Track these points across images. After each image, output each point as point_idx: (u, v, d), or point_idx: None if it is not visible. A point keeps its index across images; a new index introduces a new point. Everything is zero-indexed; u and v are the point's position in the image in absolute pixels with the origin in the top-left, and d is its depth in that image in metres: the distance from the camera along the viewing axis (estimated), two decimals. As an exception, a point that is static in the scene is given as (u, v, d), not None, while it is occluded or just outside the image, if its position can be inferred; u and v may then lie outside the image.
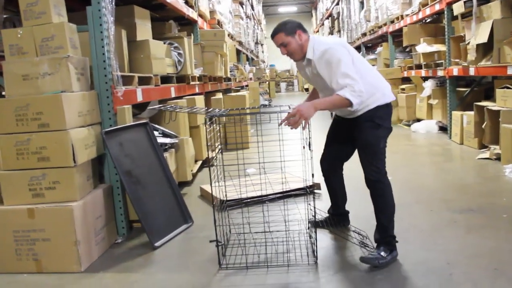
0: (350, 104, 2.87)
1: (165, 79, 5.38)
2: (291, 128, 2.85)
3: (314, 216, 3.20)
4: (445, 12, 7.32)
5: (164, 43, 5.50)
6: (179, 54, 5.76)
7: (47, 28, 3.29)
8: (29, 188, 3.20)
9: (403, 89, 9.68)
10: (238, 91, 11.67)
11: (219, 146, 3.67)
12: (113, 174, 3.64)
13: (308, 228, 3.49)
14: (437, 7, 7.53)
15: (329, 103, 2.93)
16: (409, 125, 9.18)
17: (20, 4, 3.33)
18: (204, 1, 7.88)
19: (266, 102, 18.00)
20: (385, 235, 3.05)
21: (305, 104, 2.87)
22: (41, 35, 3.30)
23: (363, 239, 3.31)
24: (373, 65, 12.11)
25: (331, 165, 3.51)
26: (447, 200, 4.25)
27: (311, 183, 4.61)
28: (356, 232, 3.47)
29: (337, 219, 3.66)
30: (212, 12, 8.50)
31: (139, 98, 4.19)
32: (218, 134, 3.91)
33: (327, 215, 3.72)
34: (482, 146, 6.36)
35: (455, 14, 6.90)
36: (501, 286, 2.61)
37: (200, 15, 7.58)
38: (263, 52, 24.17)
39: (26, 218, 3.16)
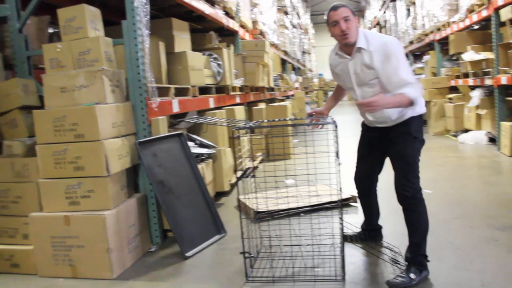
0: (411, 103, 2.79)
1: (204, 90, 5.45)
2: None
3: (342, 230, 3.14)
4: (493, 18, 7.07)
5: (203, 54, 5.58)
6: (218, 65, 5.83)
7: (84, 42, 3.42)
8: (66, 196, 3.32)
9: (450, 98, 9.39)
10: (283, 100, 11.68)
11: (260, 156, 3.68)
12: (147, 183, 3.71)
13: (339, 242, 3.44)
14: (484, 13, 7.29)
15: (397, 102, 2.80)
16: (456, 136, 8.90)
17: (60, 20, 3.48)
18: (246, 12, 7.95)
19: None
20: (416, 254, 2.94)
21: (380, 97, 2.77)
22: (78, 49, 3.43)
23: (395, 256, 3.22)
24: (420, 74, 11.89)
25: (366, 181, 3.43)
26: (489, 216, 4.08)
27: (346, 196, 4.58)
28: (388, 249, 3.39)
29: (370, 235, 3.58)
30: (254, 22, 8.56)
31: (175, 109, 4.26)
32: (251, 144, 3.86)
33: (360, 230, 3.65)
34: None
35: (502, 20, 6.66)
36: (539, 310, 2.48)
37: (242, 26, 7.65)
38: (310, 61, 24.11)
39: (62, 225, 3.27)
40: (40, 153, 3.35)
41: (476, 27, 8.82)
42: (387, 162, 3.22)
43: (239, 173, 6.06)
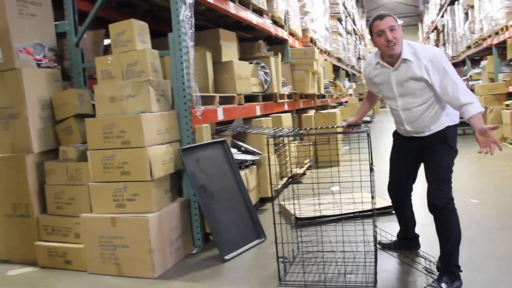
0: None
1: (251, 98, 5.60)
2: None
3: (375, 238, 3.18)
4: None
5: (251, 63, 5.74)
6: (265, 73, 5.97)
7: (131, 55, 3.65)
8: (113, 198, 3.55)
9: (507, 105, 9.07)
10: (335, 107, 11.68)
11: (308, 163, 3.78)
12: (190, 188, 3.88)
13: (373, 250, 3.47)
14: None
15: (480, 122, 2.73)
16: (514, 144, 8.59)
17: (111, 34, 3.73)
18: (296, 20, 8.06)
19: (368, 118, 17.72)
20: (448, 264, 2.92)
21: (490, 132, 2.66)
22: (126, 61, 3.66)
23: (429, 265, 3.22)
24: (477, 80, 11.54)
25: (400, 191, 3.43)
26: (536, 228, 3.97)
27: (386, 205, 4.59)
28: (423, 258, 3.38)
29: (406, 244, 3.58)
30: (304, 30, 8.65)
31: (220, 117, 4.43)
32: (297, 152, 3.96)
33: (396, 238, 3.66)
34: None
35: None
36: None
37: (291, 34, 7.77)
38: (366, 67, 23.81)
39: (109, 226, 3.50)
40: (91, 158, 3.60)
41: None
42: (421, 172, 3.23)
43: (288, 179, 6.17)
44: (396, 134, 3.34)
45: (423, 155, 3.11)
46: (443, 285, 2.84)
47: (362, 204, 3.98)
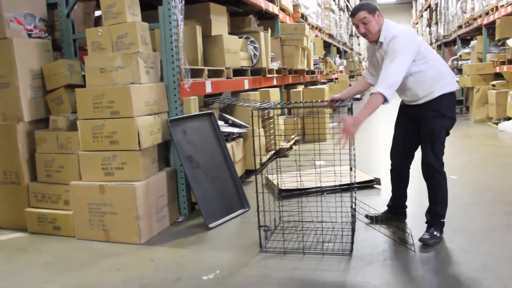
0: (385, 99, 3.04)
1: (240, 72, 5.68)
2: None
3: (353, 209, 3.35)
4: (540, 5, 6.91)
5: (241, 38, 5.80)
6: (255, 47, 6.04)
7: (122, 27, 3.71)
8: (102, 167, 3.66)
9: (493, 85, 9.22)
10: (325, 83, 11.76)
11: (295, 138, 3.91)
12: (177, 159, 4.00)
13: (352, 221, 3.63)
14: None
15: (370, 109, 3.06)
16: (498, 124, 8.75)
17: (101, 6, 3.79)
18: (287, -5, 8.08)
19: (358, 96, 17.82)
20: (437, 218, 3.35)
21: (348, 121, 2.98)
22: (116, 33, 3.72)
23: (404, 236, 3.38)
24: (467, 60, 11.64)
25: (400, 157, 3.62)
26: (509, 203, 4.13)
27: (369, 178, 4.74)
28: (400, 229, 3.54)
29: (396, 213, 3.77)
30: (296, 6, 8.68)
31: (208, 90, 4.52)
32: (276, 125, 4.07)
33: (378, 211, 3.84)
34: None
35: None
36: (533, 292, 2.59)
37: (282, 9, 7.80)
38: (359, 44, 23.82)
39: (98, 193, 3.62)
40: (81, 128, 3.70)
41: (525, 12, 8.60)
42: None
43: (275, 153, 6.30)
44: (401, 102, 3.57)
45: (419, 122, 3.35)
46: (435, 232, 3.29)
47: (340, 177, 4.11)
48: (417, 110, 3.32)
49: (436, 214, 3.34)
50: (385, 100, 3.04)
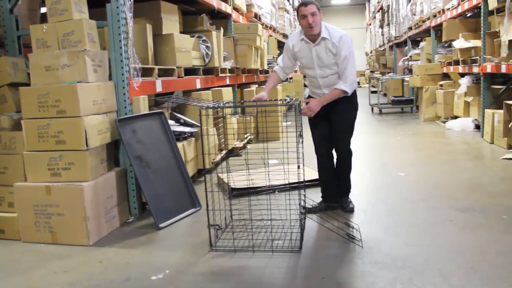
0: (345, 93, 3.70)
1: (192, 71, 5.65)
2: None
3: (302, 207, 3.41)
4: (482, 7, 7.18)
5: (192, 37, 5.77)
6: (207, 47, 6.02)
7: (68, 24, 3.63)
8: (48, 167, 3.57)
9: (441, 85, 9.53)
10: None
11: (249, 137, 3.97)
12: (127, 158, 3.94)
13: (301, 218, 3.68)
14: (475, 1, 7.40)
15: (332, 97, 3.71)
16: (445, 123, 9.06)
17: (46, 3, 3.69)
18: (240, -5, 8.10)
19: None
20: (347, 190, 4.09)
21: (314, 102, 3.70)
22: (62, 30, 3.64)
23: (351, 232, 3.46)
24: (417, 60, 11.99)
25: (324, 147, 3.97)
26: (454, 198, 4.29)
27: (314, 177, 4.83)
28: (347, 225, 3.62)
29: (331, 203, 4.04)
30: (249, 5, 8.70)
31: (158, 89, 4.48)
32: (225, 125, 4.08)
33: (321, 204, 4.06)
34: (511, 146, 6.26)
35: (490, 8, 6.75)
36: (471, 283, 2.69)
37: (236, 9, 7.81)
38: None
39: (44, 194, 3.53)
40: (25, 127, 3.59)
41: (469, 14, 8.92)
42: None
43: (228, 152, 6.30)
44: (311, 98, 3.94)
45: (331, 113, 3.84)
46: (349, 199, 4.06)
47: (289, 175, 4.17)
48: (334, 103, 3.76)
49: (347, 187, 4.07)
50: (345, 93, 3.70)
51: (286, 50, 3.90)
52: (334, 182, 4.07)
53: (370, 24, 25.88)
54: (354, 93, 3.86)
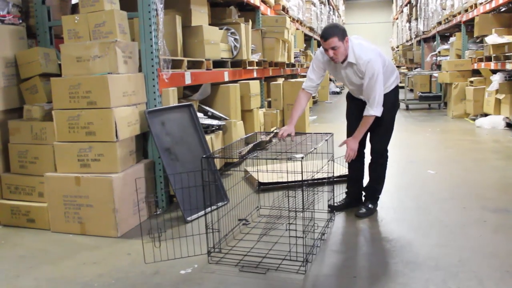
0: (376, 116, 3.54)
1: (220, 64, 5.62)
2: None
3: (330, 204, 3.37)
4: (518, 2, 6.99)
5: (221, 29, 5.73)
6: (235, 39, 5.98)
7: (99, 15, 3.62)
8: (78, 158, 3.58)
9: (471, 81, 9.33)
10: (305, 76, 11.76)
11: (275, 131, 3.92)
12: (155, 150, 3.94)
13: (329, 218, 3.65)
14: (510, -4, 7.21)
15: (364, 127, 3.57)
16: (475, 120, 8.87)
17: (78, -7, 3.68)
18: (269, -13, 8.03)
19: (338, 89, 17.89)
20: (374, 194, 3.92)
21: (352, 143, 3.60)
22: (94, 21, 3.64)
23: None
24: (446, 56, 11.77)
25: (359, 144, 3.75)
26: (485, 198, 4.19)
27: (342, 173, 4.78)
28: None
29: (354, 201, 3.97)
30: (277, -2, 8.63)
31: (187, 81, 4.46)
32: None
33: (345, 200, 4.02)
34: (544, 145, 6.09)
35: (526, 4, 6.57)
36: (507, 287, 2.62)
37: (264, 1, 7.75)
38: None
39: (73, 185, 3.54)
40: (56, 118, 3.61)
41: (503, 9, 8.70)
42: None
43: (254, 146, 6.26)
44: (349, 95, 3.92)
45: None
46: (370, 205, 3.85)
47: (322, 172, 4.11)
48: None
49: (375, 191, 3.89)
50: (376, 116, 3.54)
51: (315, 61, 3.71)
52: (360, 181, 3.97)
53: (397, 18, 25.49)
54: (393, 90, 3.71)
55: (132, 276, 2.87)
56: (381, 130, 3.69)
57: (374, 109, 3.49)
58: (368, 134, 3.75)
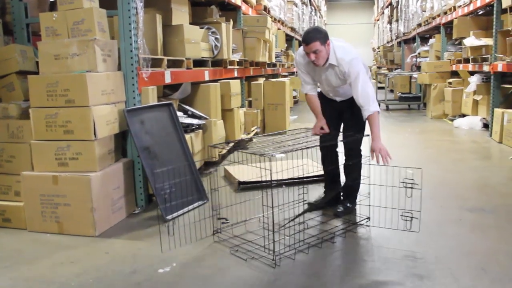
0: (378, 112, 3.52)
1: (200, 63, 5.61)
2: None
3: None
4: (494, 5, 7.10)
5: (202, 28, 5.72)
6: (216, 39, 5.97)
7: (78, 12, 3.59)
8: (56, 157, 3.54)
9: (450, 83, 9.46)
10: (286, 76, 11.80)
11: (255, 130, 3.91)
12: (135, 149, 3.91)
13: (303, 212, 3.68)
14: (487, -1, 7.32)
15: (375, 127, 3.50)
16: (453, 121, 8.99)
17: (56, -11, 3.64)
18: (250, -13, 8.03)
19: (319, 90, 17.92)
20: (352, 193, 3.92)
21: (378, 145, 3.45)
22: (72, 19, 3.60)
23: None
24: (425, 57, 11.91)
25: (331, 146, 3.82)
26: (463, 198, 4.25)
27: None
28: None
29: (330, 200, 3.96)
30: (259, -2, 8.64)
31: (167, 80, 4.44)
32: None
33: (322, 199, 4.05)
34: (520, 146, 6.20)
35: (503, 6, 6.67)
36: (482, 285, 2.66)
37: (245, 1, 7.75)
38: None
39: (51, 184, 3.50)
40: (33, 116, 3.56)
41: (481, 12, 8.83)
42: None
43: (234, 145, 6.27)
44: (324, 97, 3.88)
45: (344, 113, 3.80)
46: (348, 204, 3.86)
47: (297, 169, 4.14)
48: (344, 104, 3.76)
49: (353, 190, 3.88)
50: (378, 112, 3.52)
51: (298, 65, 3.79)
52: (337, 181, 4.03)
53: (378, 20, 25.71)
54: None
55: (111, 275, 2.84)
56: (355, 130, 3.73)
57: (373, 106, 3.48)
58: (341, 135, 3.83)
